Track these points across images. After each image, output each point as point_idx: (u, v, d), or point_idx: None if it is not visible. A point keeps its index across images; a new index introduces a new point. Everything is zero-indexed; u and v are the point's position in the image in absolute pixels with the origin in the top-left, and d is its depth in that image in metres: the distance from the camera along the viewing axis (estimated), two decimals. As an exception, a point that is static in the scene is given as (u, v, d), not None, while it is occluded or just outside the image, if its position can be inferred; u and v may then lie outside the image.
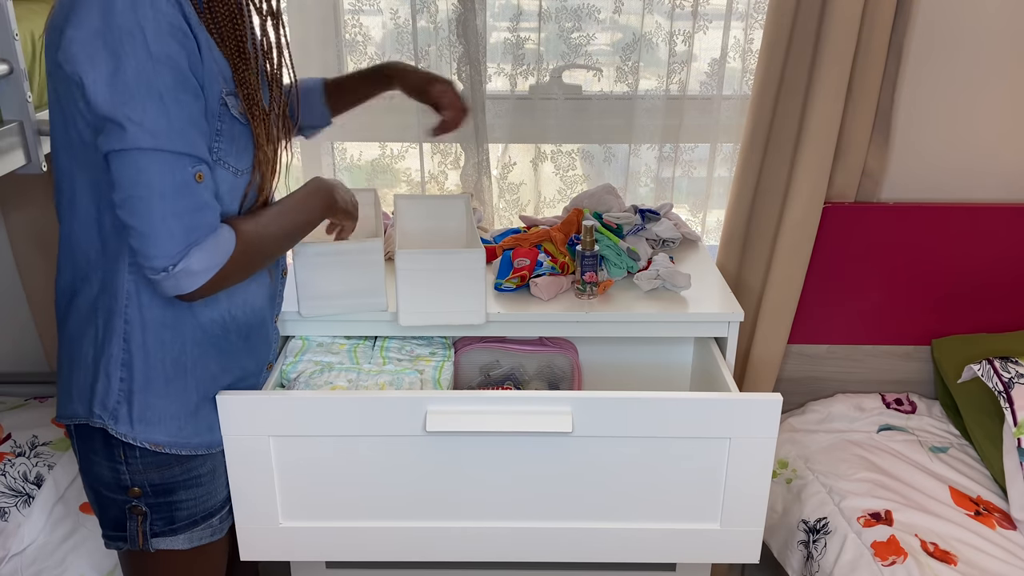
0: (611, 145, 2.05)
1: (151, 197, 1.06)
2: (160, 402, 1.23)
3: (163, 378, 1.23)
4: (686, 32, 1.92)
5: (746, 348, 2.05)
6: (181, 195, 1.07)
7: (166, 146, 1.05)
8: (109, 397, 1.21)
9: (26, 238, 1.98)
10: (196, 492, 1.30)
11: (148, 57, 1.02)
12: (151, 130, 1.04)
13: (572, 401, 1.36)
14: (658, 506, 1.43)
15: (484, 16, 1.88)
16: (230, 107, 1.14)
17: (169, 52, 1.04)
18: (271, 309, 1.38)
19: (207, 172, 1.11)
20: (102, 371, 1.21)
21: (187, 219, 1.08)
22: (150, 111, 1.03)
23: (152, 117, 1.04)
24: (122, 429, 1.21)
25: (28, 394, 2.03)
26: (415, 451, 1.39)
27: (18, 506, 1.64)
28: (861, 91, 1.86)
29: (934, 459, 1.87)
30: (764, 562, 1.69)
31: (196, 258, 1.09)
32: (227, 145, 1.15)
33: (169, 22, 1.03)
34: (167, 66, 1.04)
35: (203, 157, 1.10)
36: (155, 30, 1.02)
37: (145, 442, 1.22)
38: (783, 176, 1.92)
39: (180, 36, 1.05)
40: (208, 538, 1.34)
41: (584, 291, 1.62)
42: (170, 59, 1.04)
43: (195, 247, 1.09)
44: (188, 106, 1.07)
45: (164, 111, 1.04)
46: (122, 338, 1.19)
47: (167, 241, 1.07)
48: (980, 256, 2.03)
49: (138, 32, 1.01)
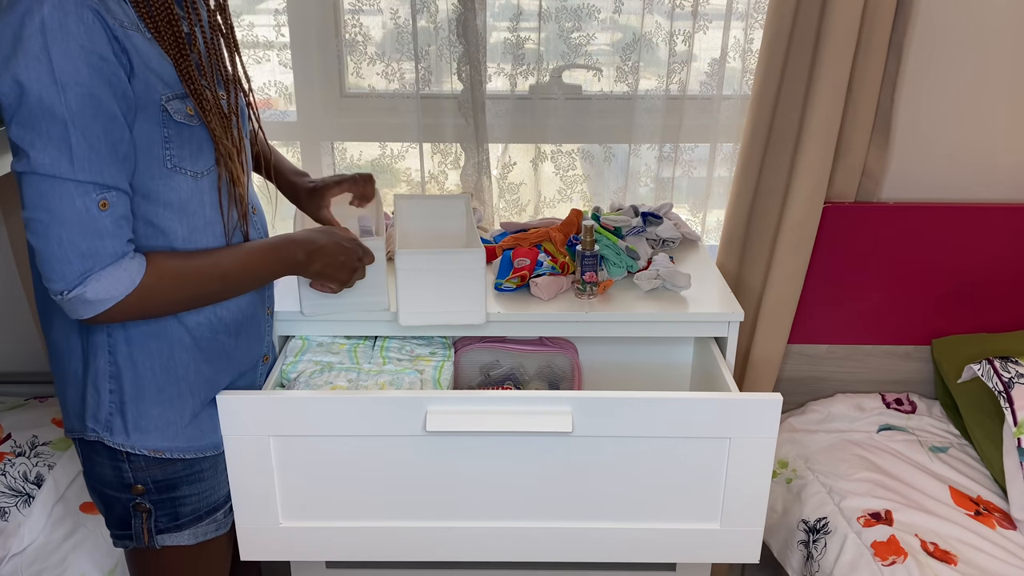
0: (611, 145, 2.05)
1: (50, 222, 1.04)
2: (155, 410, 1.23)
3: (155, 387, 1.22)
4: (686, 32, 1.92)
5: (746, 348, 2.05)
6: (80, 223, 1.05)
7: (67, 174, 1.03)
8: (100, 410, 1.21)
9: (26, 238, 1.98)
10: (199, 487, 1.30)
11: (52, 83, 1.00)
12: (52, 158, 1.02)
13: (572, 401, 1.36)
14: (658, 506, 1.43)
15: (484, 16, 1.88)
16: (172, 112, 1.11)
17: (78, 78, 1.01)
18: (262, 303, 1.37)
19: (115, 198, 1.07)
20: (90, 385, 1.20)
21: (84, 247, 1.05)
22: (52, 139, 1.01)
23: (54, 144, 1.01)
24: (119, 440, 1.22)
25: (28, 394, 2.03)
26: (415, 451, 1.39)
27: (18, 506, 1.64)
28: (861, 91, 1.86)
29: (934, 459, 1.87)
30: (764, 562, 1.69)
31: (92, 287, 1.07)
32: (179, 150, 1.13)
33: (80, 45, 1.00)
34: (73, 92, 1.01)
35: (112, 184, 1.06)
36: (62, 54, 0.99)
37: (144, 449, 1.23)
38: (783, 176, 1.92)
39: (94, 59, 1.01)
40: (213, 533, 1.34)
41: (584, 291, 1.62)
42: (78, 85, 1.01)
43: (91, 276, 1.06)
44: (95, 132, 1.03)
45: (66, 139, 1.02)
46: (107, 351, 1.19)
47: (63, 266, 1.06)
48: (980, 256, 2.03)
49: (44, 57, 0.99)
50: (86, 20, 1.01)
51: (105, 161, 1.05)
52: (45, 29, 0.98)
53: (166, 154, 1.12)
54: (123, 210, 1.09)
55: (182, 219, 1.16)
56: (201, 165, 1.16)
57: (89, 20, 1.01)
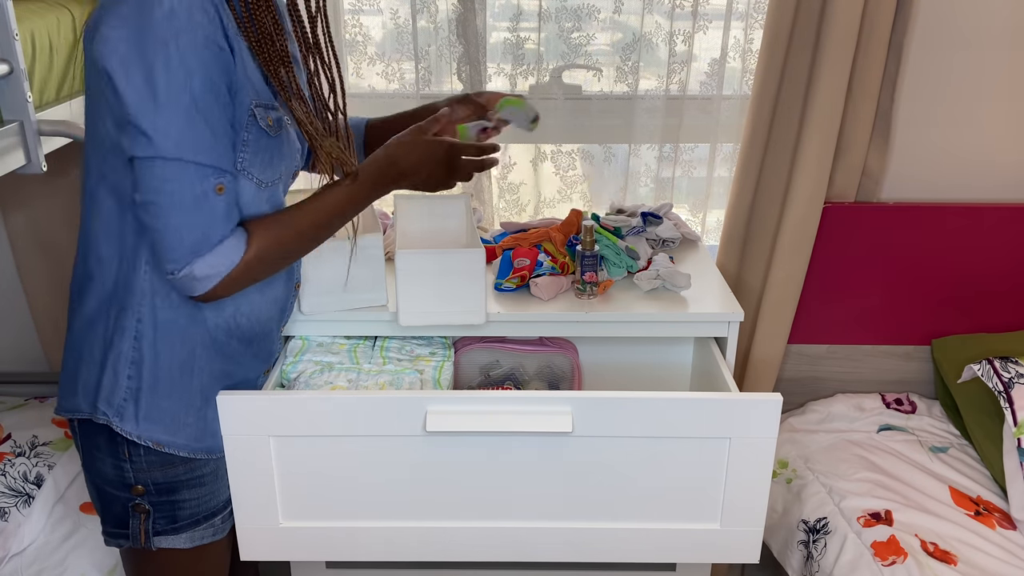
0: (611, 145, 2.05)
1: (170, 205, 1.08)
2: (165, 402, 1.24)
3: (169, 379, 1.23)
4: (686, 32, 1.92)
5: (746, 348, 2.05)
6: (198, 207, 1.09)
7: (189, 157, 1.07)
8: (116, 394, 1.21)
9: (26, 238, 1.98)
10: (199, 492, 1.30)
11: (180, 67, 1.04)
12: (176, 141, 1.06)
13: (572, 401, 1.36)
14: (658, 506, 1.43)
15: (484, 16, 1.88)
16: (258, 119, 1.15)
17: (201, 63, 1.05)
18: (279, 320, 1.39)
19: (229, 183, 1.12)
20: (110, 368, 1.21)
21: (199, 231, 1.10)
22: (176, 122, 1.05)
23: (178, 128, 1.05)
24: (127, 427, 1.22)
25: (28, 394, 2.03)
26: (415, 451, 1.39)
27: (18, 506, 1.64)
28: (861, 91, 1.86)
29: (934, 459, 1.87)
30: (764, 562, 1.69)
31: (199, 265, 1.11)
32: (252, 156, 1.16)
33: (204, 34, 1.05)
34: (198, 77, 1.05)
35: (227, 168, 1.11)
36: (189, 41, 1.04)
37: (149, 440, 1.23)
38: (783, 176, 1.92)
39: (214, 48, 1.06)
40: (210, 538, 1.34)
41: (584, 291, 1.62)
42: (202, 70, 1.05)
43: (199, 256, 1.11)
44: (216, 118, 1.08)
45: (190, 123, 1.06)
46: (133, 336, 1.20)
47: (177, 248, 1.10)
48: (980, 256, 2.03)
49: (172, 42, 1.03)
50: (208, 12, 1.06)
51: (223, 146, 1.10)
52: (173, 16, 1.03)
53: (239, 157, 1.15)
54: (234, 195, 1.13)
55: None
56: (268, 176, 1.20)
57: (211, 12, 1.06)
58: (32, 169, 1.29)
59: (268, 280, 1.30)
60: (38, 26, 1.33)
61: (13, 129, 1.24)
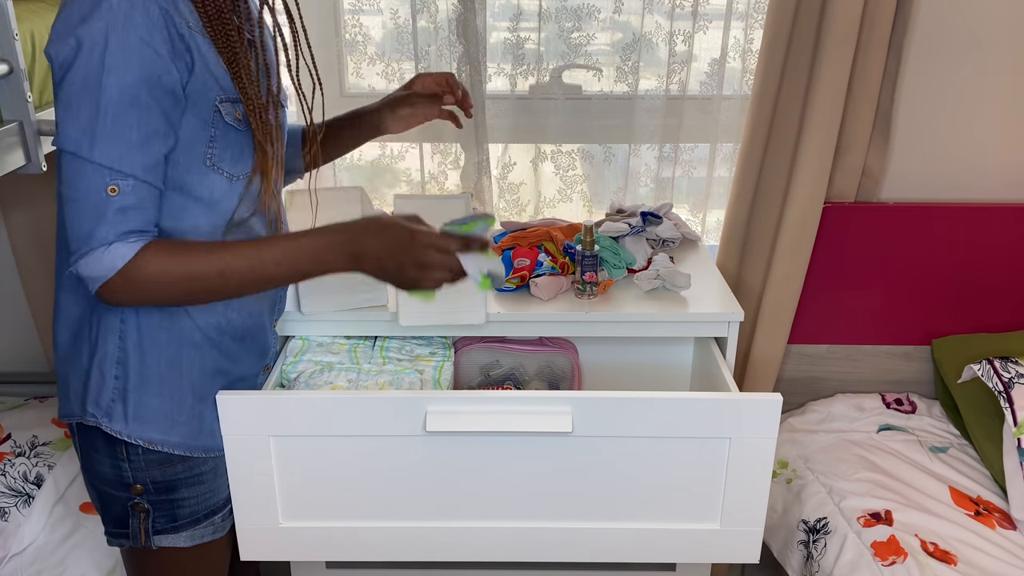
0: (611, 145, 2.05)
1: (69, 196, 1.08)
2: (154, 401, 1.23)
3: (157, 378, 1.23)
4: (686, 32, 1.92)
5: (746, 348, 2.05)
6: (87, 203, 1.07)
7: (85, 154, 1.05)
8: (103, 395, 1.21)
9: (26, 238, 1.98)
10: (198, 490, 1.30)
11: (99, 66, 1.03)
12: (76, 136, 1.05)
13: (572, 401, 1.36)
14: (658, 506, 1.43)
15: (484, 16, 1.88)
16: (223, 114, 1.14)
17: (127, 67, 1.04)
18: (271, 315, 1.38)
19: (130, 188, 1.08)
20: (96, 369, 1.21)
21: (86, 226, 1.08)
22: (81, 117, 1.05)
23: (81, 125, 1.05)
24: (117, 427, 1.22)
25: (28, 394, 2.03)
26: (415, 451, 1.39)
27: (18, 506, 1.64)
28: (861, 91, 1.86)
29: (934, 459, 1.87)
30: (764, 562, 1.69)
31: (82, 264, 1.09)
32: (221, 151, 1.16)
33: (139, 37, 1.03)
34: (116, 78, 1.03)
35: (130, 172, 1.07)
36: (120, 43, 1.03)
37: (140, 440, 1.23)
38: (783, 176, 1.92)
39: (148, 53, 1.04)
40: (210, 536, 1.34)
41: (584, 291, 1.62)
42: (125, 73, 1.04)
43: (84, 255, 1.08)
44: (129, 121, 1.05)
45: (91, 121, 1.04)
46: (118, 336, 1.20)
47: (72, 240, 1.09)
48: (980, 256, 2.03)
49: (101, 41, 1.03)
50: (151, 15, 1.04)
51: (128, 150, 1.07)
52: (110, 14, 1.03)
53: (208, 152, 1.15)
54: (133, 200, 1.09)
55: (210, 216, 1.18)
56: (239, 169, 1.19)
57: (155, 15, 1.04)
58: (32, 169, 1.29)
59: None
60: (38, 26, 1.33)
61: (13, 129, 1.25)
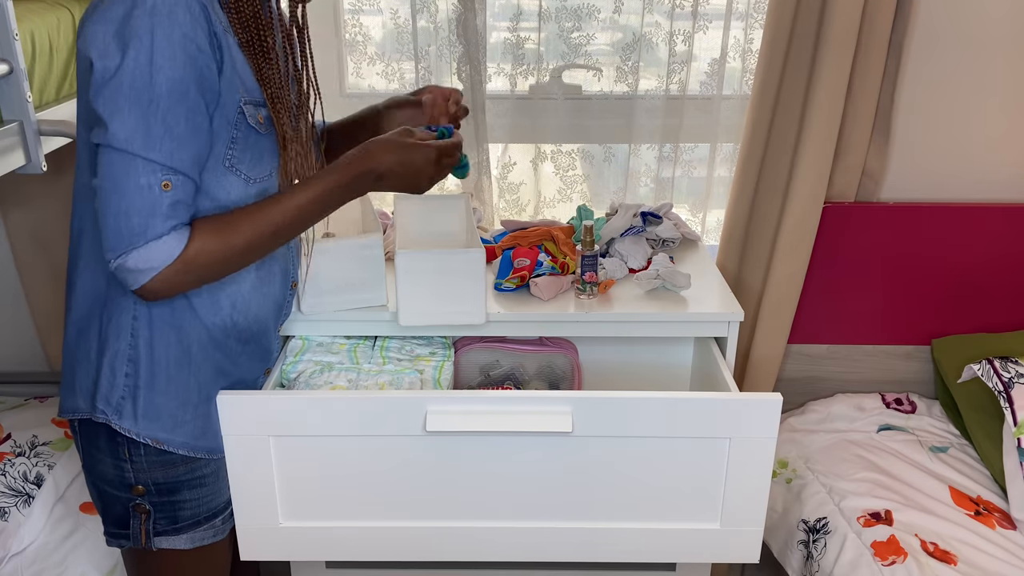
0: (611, 145, 2.05)
1: (112, 193, 1.08)
2: (161, 399, 1.24)
3: (166, 376, 1.23)
4: (686, 32, 1.92)
5: (746, 348, 2.05)
6: (140, 199, 1.08)
7: (137, 151, 1.07)
8: (113, 392, 1.21)
9: (26, 238, 1.98)
10: (200, 492, 1.30)
11: (148, 63, 1.05)
12: (128, 134, 1.06)
13: (572, 401, 1.36)
14: (658, 506, 1.43)
15: (484, 16, 1.88)
16: (247, 116, 1.16)
17: (172, 61, 1.06)
18: (275, 319, 1.39)
19: (180, 183, 1.10)
20: (107, 366, 1.21)
21: (135, 221, 1.09)
22: (132, 115, 1.06)
23: (133, 122, 1.06)
24: (126, 424, 1.22)
25: (28, 394, 2.03)
26: (415, 451, 1.39)
27: (18, 506, 1.64)
28: (861, 91, 1.86)
29: (934, 459, 1.87)
30: (764, 562, 1.69)
31: (133, 257, 1.10)
32: (241, 153, 1.17)
33: (183, 33, 1.06)
34: (165, 75, 1.05)
35: (180, 168, 1.10)
36: (164, 38, 1.05)
37: (148, 438, 1.23)
38: (783, 176, 1.92)
39: (192, 48, 1.07)
40: (210, 539, 1.34)
41: (584, 291, 1.62)
42: (170, 68, 1.06)
43: (134, 248, 1.10)
44: (178, 117, 1.08)
45: (144, 118, 1.06)
46: (130, 333, 1.20)
47: (115, 236, 1.10)
48: (980, 256, 2.03)
49: (147, 37, 1.04)
50: (193, 11, 1.07)
51: (179, 146, 1.09)
52: (154, 12, 1.04)
53: (228, 153, 1.16)
54: (183, 195, 1.12)
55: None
56: (257, 172, 1.20)
57: (196, 11, 1.07)
58: (32, 169, 1.29)
59: (264, 278, 1.30)
60: (38, 26, 1.33)
61: (13, 129, 1.25)
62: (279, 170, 1.23)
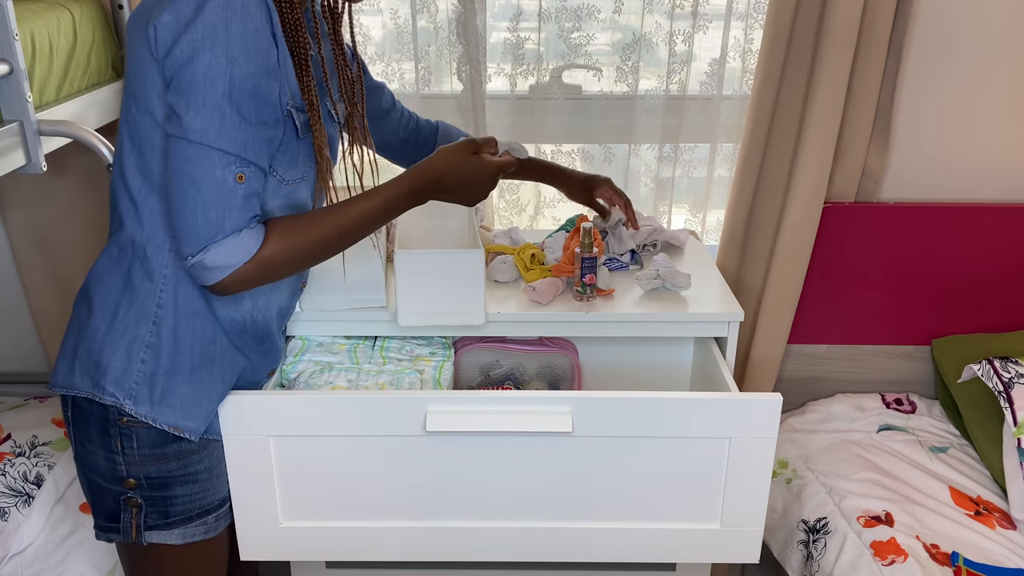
0: (611, 145, 2.05)
1: (189, 187, 1.10)
2: (183, 388, 1.24)
3: (189, 365, 1.23)
4: (686, 32, 1.92)
5: (746, 348, 2.05)
6: (216, 192, 1.10)
7: (213, 143, 1.08)
8: (127, 377, 1.21)
9: (26, 238, 1.98)
10: (192, 488, 1.30)
11: (223, 55, 1.06)
12: (203, 125, 1.08)
13: (572, 401, 1.36)
14: (658, 506, 1.43)
15: (484, 16, 1.88)
16: (295, 119, 1.17)
17: (246, 54, 1.07)
18: (284, 319, 1.41)
19: (252, 175, 1.13)
20: (122, 350, 1.20)
21: (213, 215, 1.11)
22: (207, 107, 1.07)
23: (208, 113, 1.08)
24: (142, 410, 1.21)
25: (28, 394, 2.03)
26: (415, 451, 1.39)
27: (18, 506, 1.64)
28: (861, 91, 1.86)
29: (934, 459, 1.87)
30: (764, 562, 1.69)
31: (211, 254, 1.12)
32: (280, 155, 1.18)
33: (255, 26, 1.08)
34: (239, 67, 1.07)
35: (253, 160, 1.12)
36: (239, 30, 1.06)
37: (164, 424, 1.23)
38: (783, 176, 1.92)
39: (263, 42, 1.09)
40: (201, 535, 1.33)
41: (584, 294, 1.62)
42: (245, 60, 1.08)
43: (213, 244, 1.11)
44: (250, 109, 1.10)
45: (220, 110, 1.08)
46: (151, 321, 1.20)
47: (192, 232, 1.11)
48: (980, 256, 2.03)
49: (222, 29, 1.06)
50: (261, 7, 1.10)
51: (252, 138, 1.11)
52: (229, 5, 1.05)
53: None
54: (256, 187, 1.14)
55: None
56: (291, 175, 1.22)
57: (264, 9, 1.10)
58: (32, 169, 1.29)
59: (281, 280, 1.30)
60: (38, 26, 1.33)
61: (13, 129, 1.25)
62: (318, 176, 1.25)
